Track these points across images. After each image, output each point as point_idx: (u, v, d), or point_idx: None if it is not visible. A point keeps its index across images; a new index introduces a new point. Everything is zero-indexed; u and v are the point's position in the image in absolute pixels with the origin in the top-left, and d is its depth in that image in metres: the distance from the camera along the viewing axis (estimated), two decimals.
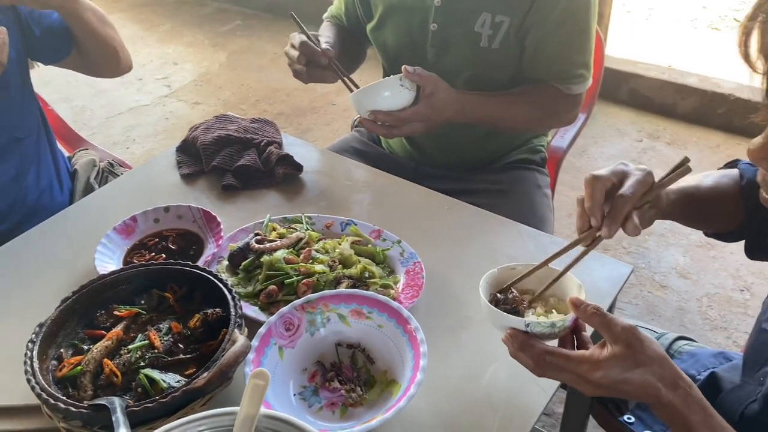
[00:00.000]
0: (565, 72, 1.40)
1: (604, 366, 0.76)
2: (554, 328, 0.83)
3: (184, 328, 0.93)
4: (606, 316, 0.78)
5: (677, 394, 0.75)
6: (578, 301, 0.81)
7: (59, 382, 0.86)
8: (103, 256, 1.12)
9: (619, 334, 0.76)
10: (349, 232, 1.17)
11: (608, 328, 0.77)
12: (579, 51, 1.39)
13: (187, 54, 4.32)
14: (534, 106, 1.44)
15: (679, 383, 0.76)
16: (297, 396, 0.90)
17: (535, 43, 1.36)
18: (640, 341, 0.77)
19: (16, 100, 1.38)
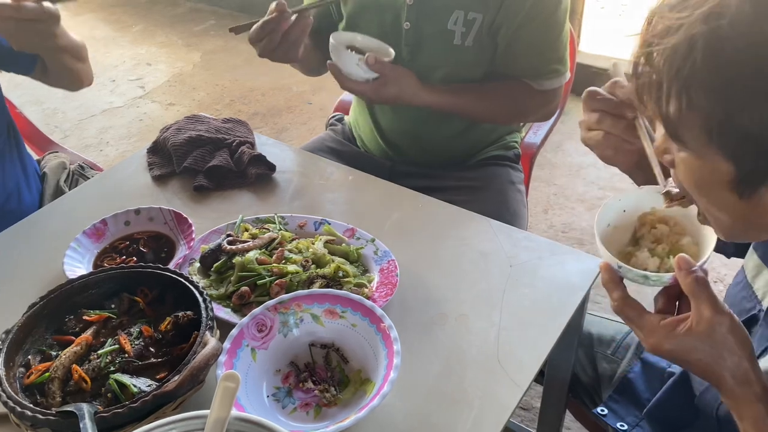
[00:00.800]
0: (539, 68, 1.41)
1: (675, 340, 0.75)
2: (647, 280, 0.79)
3: (155, 332, 0.91)
4: (704, 291, 0.74)
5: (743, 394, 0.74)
6: (684, 262, 0.76)
7: (27, 390, 0.85)
8: (72, 261, 1.10)
9: (707, 319, 0.74)
10: (323, 232, 1.17)
11: (699, 304, 0.74)
12: (551, 46, 1.40)
13: (160, 54, 4.28)
14: (504, 102, 1.44)
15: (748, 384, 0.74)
16: (270, 397, 0.89)
17: (507, 39, 1.36)
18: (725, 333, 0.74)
19: None
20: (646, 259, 0.83)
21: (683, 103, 0.64)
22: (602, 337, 1.24)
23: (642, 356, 1.18)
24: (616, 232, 0.86)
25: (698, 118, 0.63)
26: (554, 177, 2.83)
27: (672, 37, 0.63)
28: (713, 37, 0.60)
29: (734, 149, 0.63)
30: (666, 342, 0.76)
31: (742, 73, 0.60)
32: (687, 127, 0.65)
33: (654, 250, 0.84)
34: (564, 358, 1.16)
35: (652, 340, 0.77)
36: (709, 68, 0.61)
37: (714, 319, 0.73)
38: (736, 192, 0.66)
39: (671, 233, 0.85)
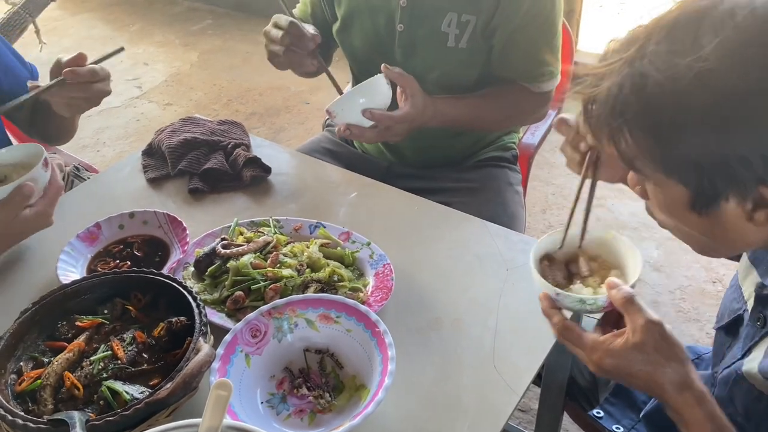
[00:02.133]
0: (534, 70, 1.40)
1: (614, 355, 0.77)
2: (583, 304, 0.83)
3: (149, 338, 0.91)
4: (634, 305, 0.78)
5: (684, 402, 0.76)
6: (613, 283, 0.81)
7: (19, 397, 0.84)
8: (65, 265, 1.09)
9: (640, 327, 0.76)
10: (318, 235, 1.16)
11: (632, 317, 0.77)
12: (546, 49, 1.39)
13: (158, 54, 4.27)
14: (502, 107, 1.44)
15: (687, 390, 0.76)
16: (264, 404, 0.88)
17: (503, 42, 1.35)
18: (659, 340, 0.76)
19: None
20: (580, 289, 0.87)
21: (628, 140, 0.69)
22: None
23: None
24: (550, 268, 0.91)
25: (644, 151, 0.69)
26: (552, 177, 2.82)
27: (606, 81, 0.69)
28: (636, 76, 0.66)
29: (680, 175, 0.68)
30: (607, 357, 0.78)
31: (666, 107, 0.65)
32: (639, 159, 0.70)
33: (586, 282, 0.89)
34: (561, 361, 1.16)
35: (595, 357, 0.79)
36: (638, 106, 0.67)
37: (647, 326, 0.76)
38: (695, 211, 0.70)
39: (600, 268, 0.91)
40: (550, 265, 0.91)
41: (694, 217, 0.71)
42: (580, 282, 0.89)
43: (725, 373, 0.88)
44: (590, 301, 0.83)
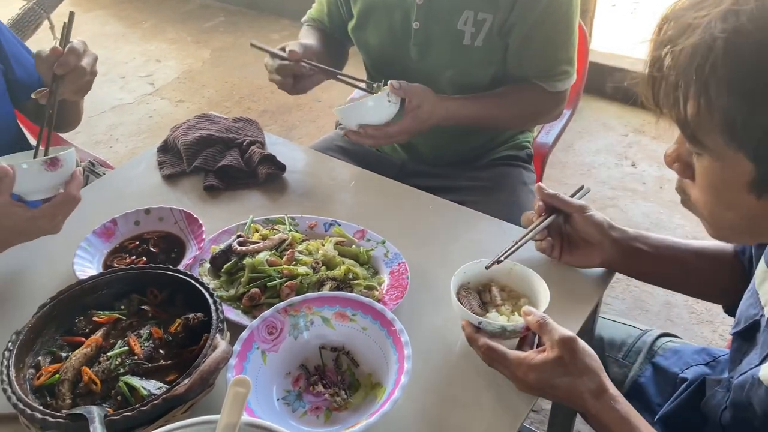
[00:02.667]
0: (550, 69, 1.40)
1: (537, 369, 0.83)
2: (504, 330, 0.90)
3: (165, 334, 0.91)
4: (548, 325, 0.86)
5: (602, 406, 0.82)
6: (528, 310, 0.89)
7: (37, 391, 0.84)
8: (82, 261, 1.10)
9: (556, 342, 0.83)
10: (333, 233, 1.16)
11: (549, 335, 0.85)
12: (562, 48, 1.39)
13: (170, 51, 4.28)
14: (518, 106, 1.44)
15: (603, 396, 0.83)
16: (281, 401, 0.89)
17: (519, 41, 1.35)
18: (574, 352, 0.83)
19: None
20: (497, 317, 0.94)
21: (702, 104, 0.64)
22: (613, 341, 1.23)
23: (653, 361, 1.17)
24: (466, 297, 0.98)
25: (718, 118, 0.64)
26: (565, 176, 2.81)
27: (690, 37, 0.63)
28: (732, 34, 0.60)
29: (756, 148, 0.63)
30: (530, 372, 0.83)
31: (762, 70, 0.60)
32: (706, 128, 0.65)
33: (500, 310, 0.96)
34: None
35: (519, 372, 0.84)
36: (729, 66, 0.61)
37: (561, 341, 0.83)
38: (755, 193, 0.67)
39: (509, 297, 1.00)
40: (465, 295, 0.97)
41: (751, 199, 0.67)
42: (495, 310, 0.96)
43: (741, 379, 0.87)
44: (511, 327, 0.90)
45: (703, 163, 0.70)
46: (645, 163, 2.88)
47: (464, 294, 0.98)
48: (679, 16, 0.65)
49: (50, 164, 1.04)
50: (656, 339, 1.20)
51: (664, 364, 1.14)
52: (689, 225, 2.51)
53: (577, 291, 1.06)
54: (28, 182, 1.03)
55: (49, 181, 1.05)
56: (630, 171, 2.83)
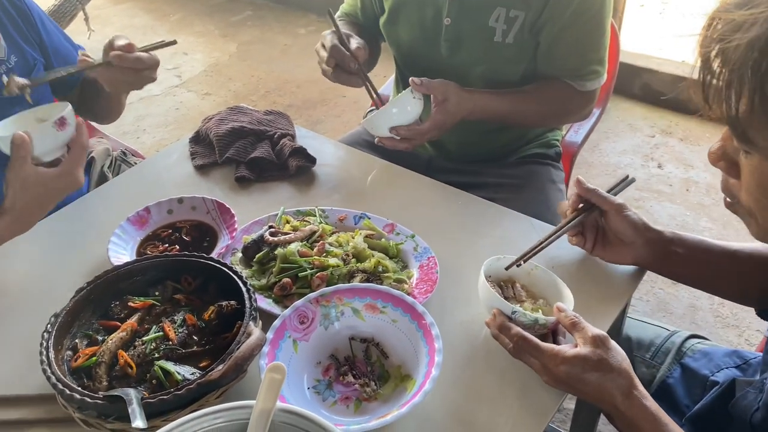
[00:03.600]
0: (580, 68, 1.39)
1: (568, 362, 0.84)
2: (536, 323, 0.91)
3: (199, 320, 0.92)
4: (581, 322, 0.88)
5: (632, 403, 0.83)
6: (561, 307, 0.91)
7: (74, 373, 0.86)
8: (116, 247, 1.12)
9: (588, 338, 0.85)
10: (363, 226, 1.17)
11: (582, 332, 0.86)
12: (594, 47, 1.38)
13: (197, 44, 4.32)
14: (546, 104, 1.43)
15: (633, 393, 0.83)
16: (311, 389, 0.90)
17: (550, 39, 1.34)
18: (607, 350, 0.84)
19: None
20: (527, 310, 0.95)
21: (756, 101, 0.63)
22: (641, 341, 1.23)
23: (682, 362, 1.16)
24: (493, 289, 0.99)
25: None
26: (590, 176, 2.79)
27: (745, 33, 0.62)
28: None
29: None
30: (561, 365, 0.84)
31: None
32: (758, 126, 0.65)
33: (523, 306, 0.98)
34: None
35: (551, 364, 0.85)
36: None
37: (594, 338, 0.85)
38: None
39: (529, 296, 1.01)
40: (492, 286, 0.98)
41: None
42: (519, 305, 0.97)
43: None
44: (543, 320, 0.91)
45: (753, 162, 0.70)
46: (671, 164, 2.85)
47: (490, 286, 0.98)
48: (728, 13, 0.64)
49: (59, 124, 1.06)
50: (685, 340, 1.20)
51: (693, 366, 1.13)
52: (716, 228, 2.48)
53: (606, 290, 1.06)
54: (43, 145, 1.05)
55: (60, 140, 1.08)
56: (656, 172, 2.80)
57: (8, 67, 1.20)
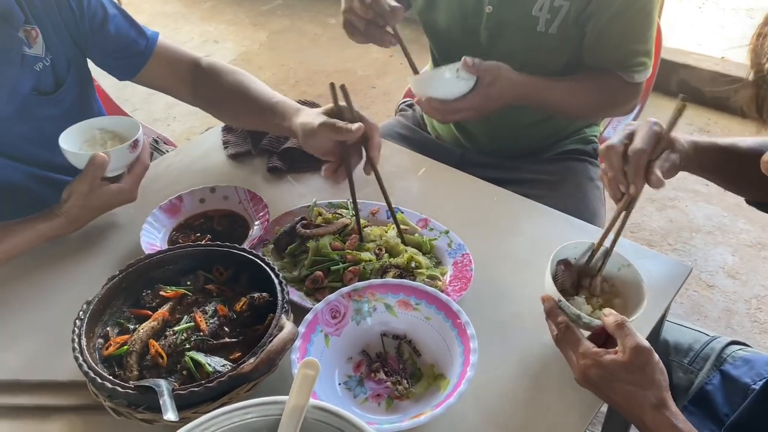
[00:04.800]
0: (627, 60, 1.35)
1: (601, 366, 0.81)
2: (579, 320, 0.88)
3: (230, 311, 0.91)
4: (627, 329, 0.83)
5: (661, 420, 0.79)
6: (609, 312, 0.87)
7: (105, 361, 0.86)
8: (148, 234, 1.11)
9: (630, 348, 0.81)
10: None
11: (624, 340, 0.82)
12: (641, 39, 1.34)
13: (228, 33, 4.33)
14: (596, 94, 1.39)
15: (663, 411, 0.80)
16: (342, 385, 0.88)
17: (597, 30, 1.30)
18: (647, 364, 0.81)
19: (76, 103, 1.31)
20: (581, 304, 0.91)
21: None
22: (679, 346, 1.19)
23: (722, 369, 1.12)
24: (564, 272, 0.96)
25: None
26: None
27: None
28: None
29: None
30: (594, 367, 0.82)
31: None
32: None
33: (589, 299, 0.93)
34: None
35: (583, 363, 0.83)
36: None
37: (637, 349, 0.80)
38: None
39: (606, 292, 0.96)
40: (564, 270, 0.95)
41: None
42: (585, 296, 0.93)
43: None
44: (586, 319, 0.87)
45: None
46: None
47: (563, 268, 0.96)
48: None
49: (133, 146, 1.13)
50: (726, 346, 1.16)
51: (734, 374, 1.09)
52: (754, 230, 2.41)
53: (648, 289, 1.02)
54: (115, 164, 1.12)
55: (129, 160, 1.14)
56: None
57: (45, 64, 1.19)
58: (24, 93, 1.17)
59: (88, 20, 1.24)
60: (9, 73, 1.14)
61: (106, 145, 1.16)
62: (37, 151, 1.24)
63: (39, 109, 1.20)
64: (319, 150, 1.11)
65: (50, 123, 1.20)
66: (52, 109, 1.22)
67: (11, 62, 1.13)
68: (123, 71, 1.32)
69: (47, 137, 1.17)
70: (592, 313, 0.91)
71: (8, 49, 1.13)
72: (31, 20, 1.16)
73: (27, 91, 1.17)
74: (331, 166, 1.12)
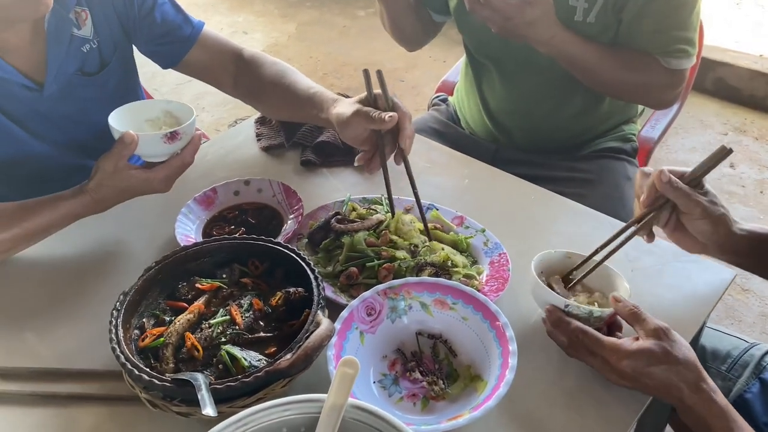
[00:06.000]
0: (666, 45, 1.30)
1: (632, 356, 0.80)
2: (591, 315, 0.88)
3: (265, 306, 0.91)
4: (641, 314, 0.84)
5: (700, 398, 0.79)
6: (618, 297, 0.88)
7: (141, 352, 0.86)
8: (183, 226, 1.12)
9: (651, 330, 0.82)
10: (430, 217, 1.13)
11: (642, 324, 0.83)
12: (681, 24, 1.29)
13: (257, 24, 4.33)
14: (628, 68, 1.32)
15: (702, 387, 0.79)
16: (377, 384, 0.87)
17: (633, 13, 1.27)
18: (671, 341, 0.81)
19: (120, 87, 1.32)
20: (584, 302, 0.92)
21: None
22: (717, 352, 1.16)
23: (762, 376, 1.10)
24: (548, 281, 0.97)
25: None
26: None
27: None
28: None
29: None
30: (625, 359, 0.80)
31: None
32: None
33: (578, 299, 0.94)
34: None
35: (613, 358, 0.81)
36: None
37: (656, 331, 0.81)
38: None
39: (583, 290, 0.97)
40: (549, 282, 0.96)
41: None
42: (574, 298, 0.94)
43: None
44: (598, 313, 0.88)
45: None
46: (745, 164, 2.71)
47: (559, 278, 0.97)
48: None
49: (169, 138, 1.06)
50: (765, 354, 1.13)
51: None
52: None
53: (689, 293, 1.00)
54: (148, 149, 1.07)
55: (167, 150, 1.08)
56: (728, 172, 2.67)
57: (92, 46, 1.21)
58: (69, 73, 1.19)
59: (137, 6, 1.25)
60: (57, 53, 1.15)
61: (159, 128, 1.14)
62: (81, 133, 1.26)
63: (83, 90, 1.22)
64: (354, 139, 1.09)
65: (94, 104, 1.23)
66: (96, 90, 1.24)
67: (60, 42, 1.15)
68: (167, 58, 1.33)
69: (91, 119, 1.20)
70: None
71: (59, 29, 1.15)
72: (82, 2, 1.18)
73: (72, 71, 1.19)
74: (366, 154, 1.10)
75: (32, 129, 1.19)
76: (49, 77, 1.16)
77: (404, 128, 1.06)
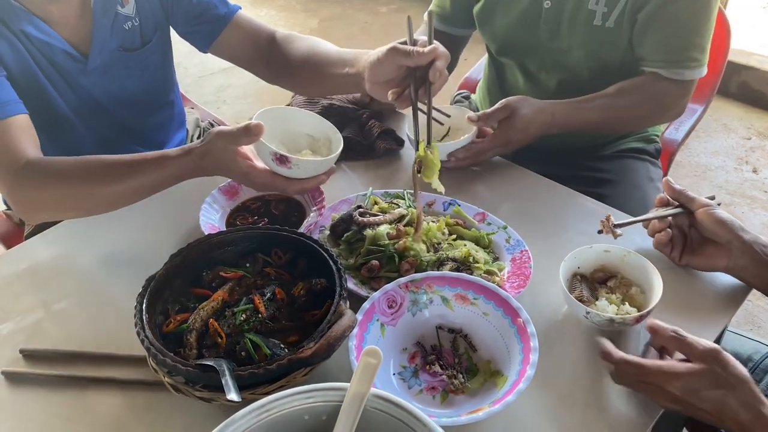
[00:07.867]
0: (678, 53, 1.29)
1: (683, 378, 0.77)
2: (612, 323, 0.87)
3: (288, 296, 0.92)
4: (686, 339, 0.80)
5: (759, 423, 0.75)
6: (655, 326, 0.83)
7: (165, 337, 0.87)
8: (207, 215, 1.13)
9: (701, 353, 0.78)
10: (452, 213, 1.14)
11: (690, 348, 0.79)
12: (697, 30, 1.28)
13: (279, 18, 4.35)
14: (636, 106, 1.33)
15: (760, 409, 0.75)
16: (397, 375, 0.88)
17: (649, 15, 1.26)
18: (725, 363, 0.77)
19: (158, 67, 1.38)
20: (605, 307, 0.91)
21: None
22: (738, 356, 1.15)
23: None
24: (579, 282, 0.98)
25: None
26: (678, 177, 2.66)
27: None
28: None
29: None
30: (675, 380, 0.77)
31: None
32: None
33: (610, 299, 0.94)
34: None
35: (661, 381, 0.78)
36: None
37: (707, 352, 0.78)
38: None
39: (620, 285, 0.97)
40: (577, 284, 0.97)
41: None
42: (605, 298, 0.94)
43: None
44: (618, 319, 0.87)
45: None
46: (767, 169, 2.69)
47: (577, 281, 0.98)
48: None
49: (278, 158, 1.04)
50: None
51: None
52: None
53: (712, 296, 0.99)
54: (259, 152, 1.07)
55: (273, 166, 1.06)
56: (750, 177, 2.64)
57: (134, 24, 1.26)
58: (112, 48, 1.25)
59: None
60: (102, 28, 1.21)
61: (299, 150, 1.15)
62: (120, 109, 1.31)
63: (124, 67, 1.27)
64: (383, 77, 1.06)
65: (133, 81, 1.29)
66: (136, 67, 1.29)
67: (106, 18, 1.21)
68: (202, 38, 1.36)
69: (131, 96, 1.26)
70: (617, 313, 0.90)
71: (105, 5, 1.20)
72: None
73: (114, 47, 1.25)
74: (397, 90, 1.06)
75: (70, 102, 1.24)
76: (94, 51, 1.21)
77: (437, 63, 1.01)
